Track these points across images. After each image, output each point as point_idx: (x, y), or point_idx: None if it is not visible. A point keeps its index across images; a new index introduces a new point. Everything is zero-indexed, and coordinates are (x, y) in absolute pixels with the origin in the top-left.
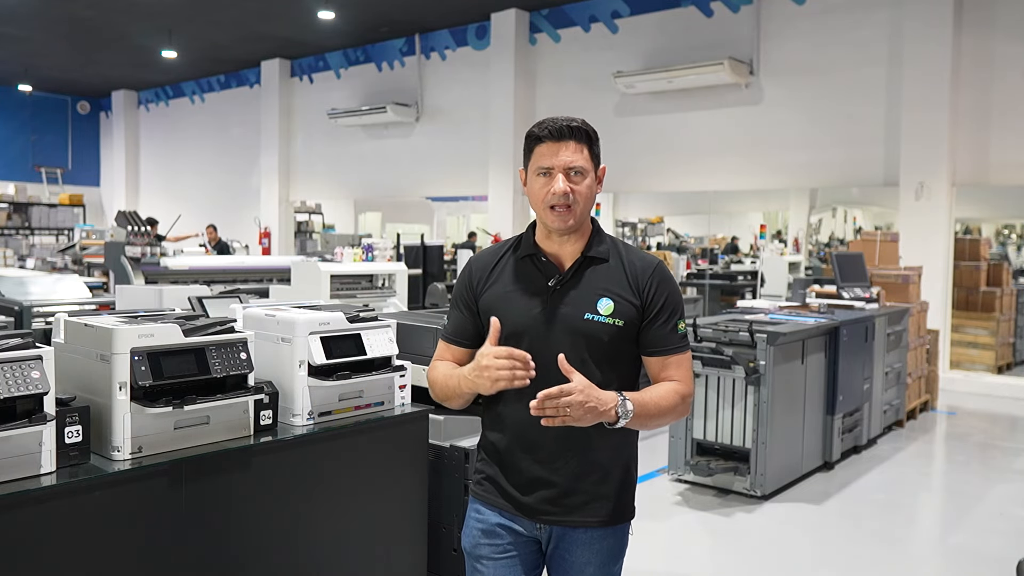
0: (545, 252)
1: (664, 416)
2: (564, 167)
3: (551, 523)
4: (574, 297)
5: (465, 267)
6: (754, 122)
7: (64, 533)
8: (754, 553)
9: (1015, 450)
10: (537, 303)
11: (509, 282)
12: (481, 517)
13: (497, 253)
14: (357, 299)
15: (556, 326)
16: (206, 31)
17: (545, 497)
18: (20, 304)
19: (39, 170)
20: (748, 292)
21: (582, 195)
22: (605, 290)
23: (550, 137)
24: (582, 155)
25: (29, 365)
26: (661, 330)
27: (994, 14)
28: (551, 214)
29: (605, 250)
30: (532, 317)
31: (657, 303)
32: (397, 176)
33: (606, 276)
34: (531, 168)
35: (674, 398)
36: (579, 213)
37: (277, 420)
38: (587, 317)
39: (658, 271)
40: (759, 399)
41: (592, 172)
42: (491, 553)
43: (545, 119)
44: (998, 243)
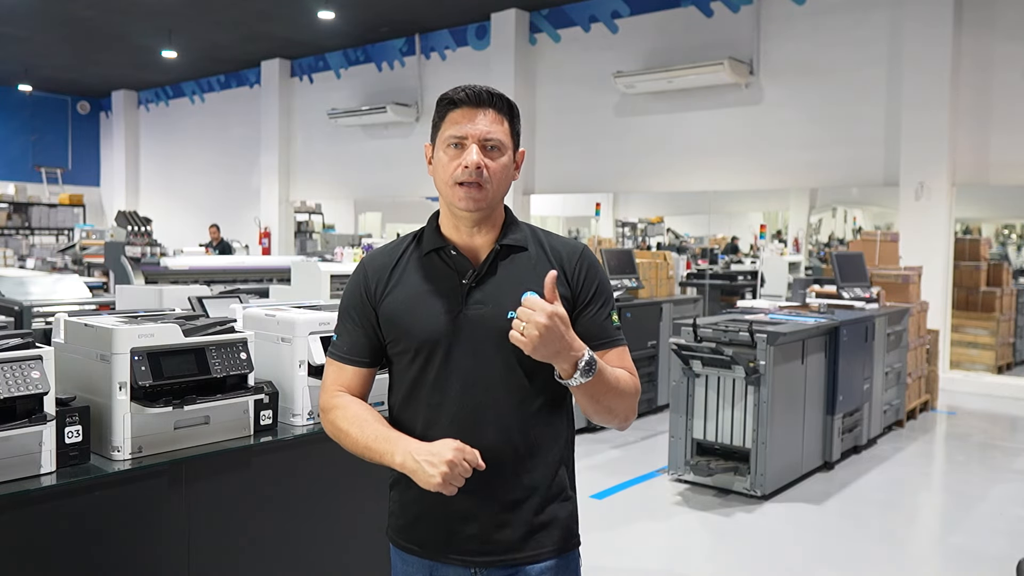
0: (455, 245)
1: (618, 397)
2: (480, 137)
3: (488, 565)
4: (494, 294)
5: (356, 270)
6: (754, 122)
7: (64, 533)
8: (754, 553)
9: (1015, 450)
10: (451, 305)
11: (414, 283)
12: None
13: (396, 251)
14: None
15: (476, 330)
16: (206, 31)
17: (476, 534)
18: (20, 304)
19: (39, 170)
20: (748, 292)
21: (496, 174)
22: (529, 282)
23: (467, 102)
24: (501, 127)
25: (29, 365)
26: (595, 320)
27: (994, 14)
28: (459, 191)
29: (523, 237)
30: (447, 322)
31: (589, 291)
32: (397, 176)
33: (528, 267)
34: (440, 139)
35: (631, 382)
36: (491, 195)
37: (277, 420)
38: (511, 316)
39: (585, 255)
40: (759, 399)
41: (511, 150)
42: None
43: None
44: (998, 243)
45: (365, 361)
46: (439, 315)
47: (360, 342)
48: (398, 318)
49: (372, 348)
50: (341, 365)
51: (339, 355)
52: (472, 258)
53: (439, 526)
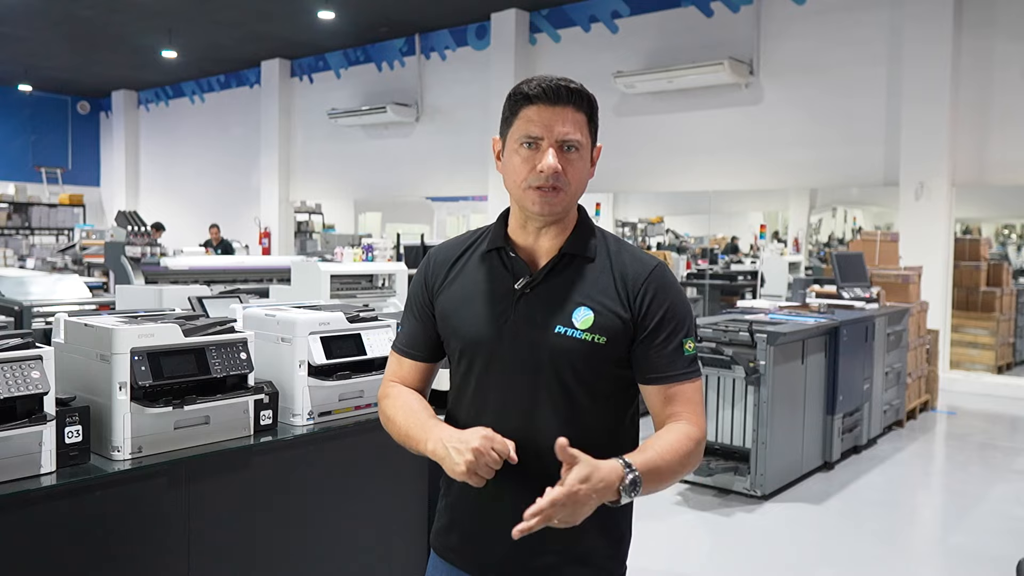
0: (516, 246)
1: (676, 475)
2: (558, 139)
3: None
4: (545, 305)
5: (423, 261)
6: (754, 122)
7: (64, 533)
8: (754, 553)
9: (1015, 450)
10: (500, 310)
11: (470, 282)
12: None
13: (462, 244)
14: (357, 299)
15: (518, 340)
16: (206, 31)
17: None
18: (20, 304)
19: (39, 170)
20: (748, 292)
21: (575, 177)
22: (585, 297)
23: (543, 98)
24: (580, 126)
25: (29, 365)
26: (660, 352)
27: (994, 14)
28: (534, 196)
29: (592, 246)
30: (493, 329)
31: (654, 316)
32: (397, 176)
33: (588, 279)
34: (512, 136)
35: (687, 446)
36: (568, 198)
37: (277, 420)
38: (559, 331)
39: (656, 274)
40: (759, 399)
41: (588, 150)
42: None
43: (535, 76)
44: (998, 243)
45: (421, 355)
46: (486, 320)
47: (418, 336)
48: (449, 315)
49: (429, 342)
50: (399, 358)
51: (398, 347)
52: (531, 262)
53: (474, 540)
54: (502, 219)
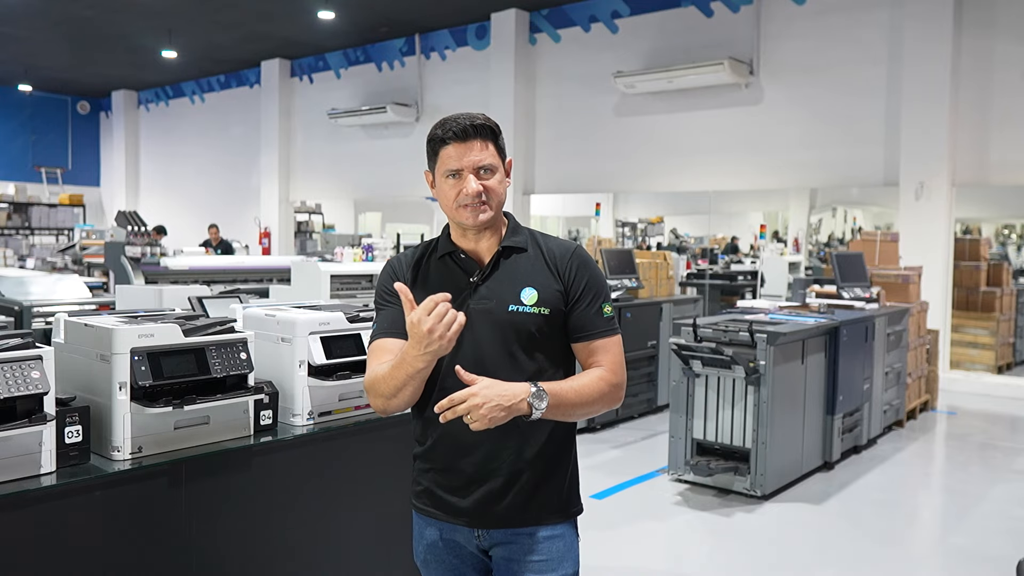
0: (463, 250)
1: (589, 405)
2: (473, 167)
3: (492, 526)
4: (497, 290)
5: (385, 268)
6: (754, 122)
7: (64, 533)
8: (754, 553)
9: (1015, 450)
10: (461, 300)
11: (431, 282)
12: (423, 531)
13: (417, 252)
14: (357, 299)
15: (482, 321)
16: (206, 31)
17: (484, 499)
18: (20, 304)
19: (39, 170)
20: (748, 292)
21: (494, 191)
22: (528, 280)
23: (455, 138)
24: (489, 152)
25: (29, 365)
26: (585, 314)
27: (994, 14)
28: (465, 212)
29: (523, 240)
30: None
31: (579, 286)
32: (397, 176)
33: (527, 266)
34: (439, 171)
35: (599, 385)
36: (494, 208)
37: (277, 420)
38: (511, 308)
39: (577, 254)
40: (759, 399)
41: (501, 167)
42: (436, 566)
43: (446, 119)
44: (998, 243)
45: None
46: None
47: (398, 319)
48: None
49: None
50: (380, 342)
51: (379, 332)
52: (478, 260)
53: (448, 493)
54: (445, 232)
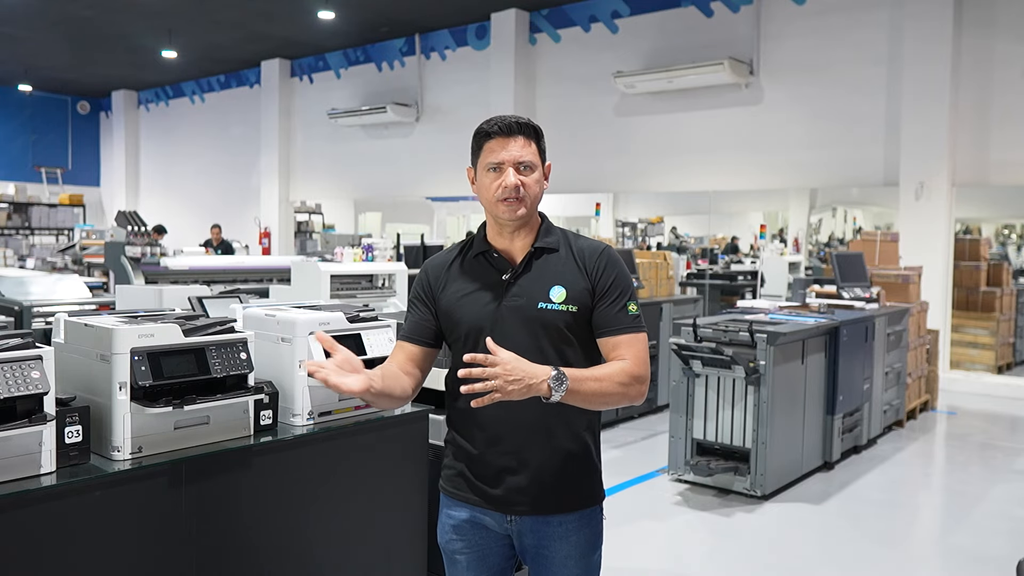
0: (496, 248)
1: (608, 394)
2: (514, 161)
3: (521, 513)
4: (528, 288)
5: (420, 271)
6: (754, 122)
7: (64, 533)
8: (754, 553)
9: (1015, 450)
10: (492, 297)
11: (465, 281)
12: (451, 513)
13: (450, 254)
14: (357, 299)
15: (513, 318)
16: (206, 31)
17: (513, 487)
18: (20, 304)
19: (39, 170)
20: (748, 292)
21: (531, 188)
22: (557, 278)
23: (499, 133)
24: (530, 149)
25: (29, 365)
26: (610, 311)
27: (994, 14)
28: (502, 206)
29: (555, 240)
30: (489, 312)
31: (605, 285)
32: (397, 176)
33: (557, 265)
34: (480, 164)
35: (620, 376)
36: (529, 205)
37: (277, 420)
38: (541, 306)
39: (605, 254)
40: (759, 399)
41: (540, 167)
42: (462, 548)
43: (492, 117)
44: (998, 243)
45: (425, 341)
46: (484, 306)
47: (422, 325)
48: (451, 310)
49: (432, 331)
50: (400, 344)
51: (402, 336)
52: (511, 259)
53: (479, 480)
54: (480, 231)
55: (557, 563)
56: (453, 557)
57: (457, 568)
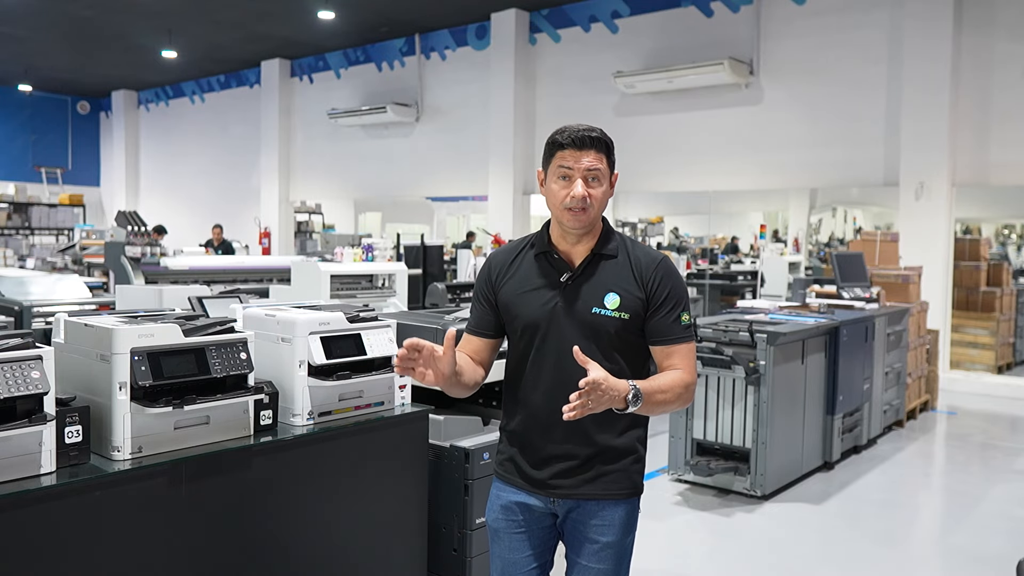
0: (558, 250)
1: (668, 403)
2: (584, 171)
3: (564, 496)
4: (584, 292)
5: (485, 263)
6: (754, 122)
7: (64, 533)
8: (754, 553)
9: (1015, 450)
10: (550, 297)
11: (525, 278)
12: (500, 494)
13: (515, 250)
14: (357, 299)
15: (567, 319)
16: (206, 31)
17: (558, 472)
18: (20, 304)
19: (39, 170)
20: (748, 292)
21: (597, 200)
22: (612, 285)
23: (572, 145)
24: (601, 163)
25: (29, 365)
26: (664, 321)
27: (994, 13)
28: (568, 215)
29: (614, 248)
30: (546, 311)
31: (660, 296)
32: (397, 176)
33: (614, 272)
34: (551, 170)
35: (678, 387)
36: (593, 215)
37: (277, 420)
38: (595, 311)
39: (662, 266)
40: (759, 399)
41: (608, 179)
42: (507, 528)
43: (567, 126)
44: (998, 243)
45: (488, 333)
46: (541, 304)
47: (485, 318)
48: (511, 303)
49: (494, 324)
50: (468, 336)
51: (469, 328)
52: (570, 261)
53: (529, 466)
54: (545, 230)
55: (590, 541)
56: (498, 535)
57: (501, 545)
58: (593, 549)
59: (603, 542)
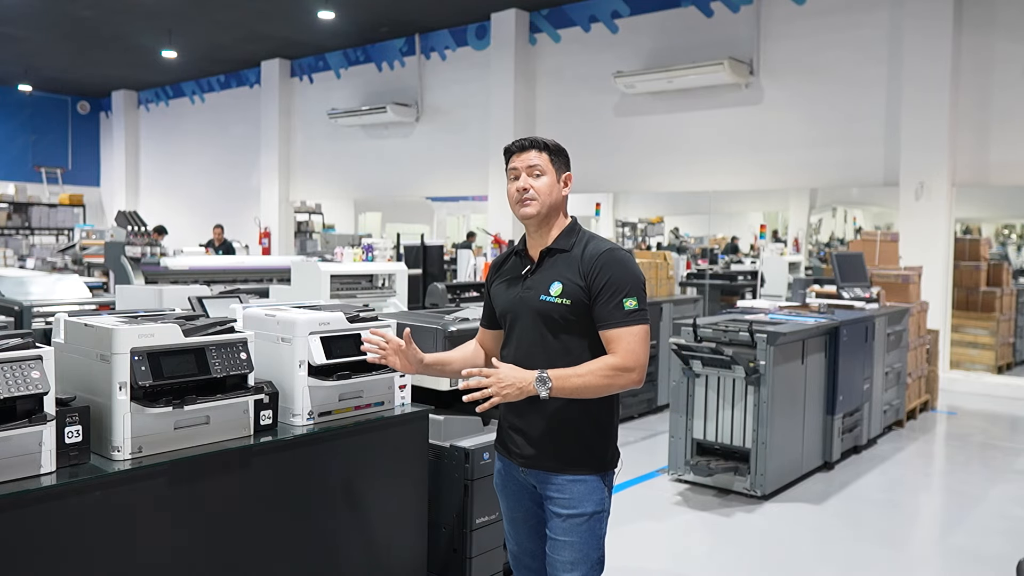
0: (526, 250)
1: (594, 386)
2: (525, 167)
3: (527, 467)
4: (536, 282)
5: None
6: (754, 122)
7: (64, 533)
8: (754, 553)
9: (1015, 450)
10: (515, 288)
11: (505, 274)
12: (496, 461)
13: (508, 253)
14: (357, 299)
15: (525, 307)
16: (206, 31)
17: (519, 444)
18: (20, 304)
19: (39, 170)
20: (748, 292)
21: (540, 190)
22: (558, 275)
23: (517, 149)
24: (540, 158)
25: (29, 365)
26: (605, 307)
27: (994, 13)
28: (518, 208)
29: (569, 243)
30: (512, 300)
31: (599, 284)
32: (397, 176)
33: (564, 264)
34: (508, 175)
35: (603, 370)
36: (540, 207)
37: (277, 420)
38: (542, 298)
39: (603, 256)
40: (759, 399)
41: (552, 173)
42: (502, 490)
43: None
44: (998, 243)
45: (492, 326)
46: (509, 295)
47: (488, 313)
48: (494, 296)
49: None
50: (481, 329)
51: (480, 323)
52: (532, 257)
53: (507, 438)
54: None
55: (554, 515)
56: (499, 497)
57: (504, 506)
58: (557, 521)
59: (564, 514)
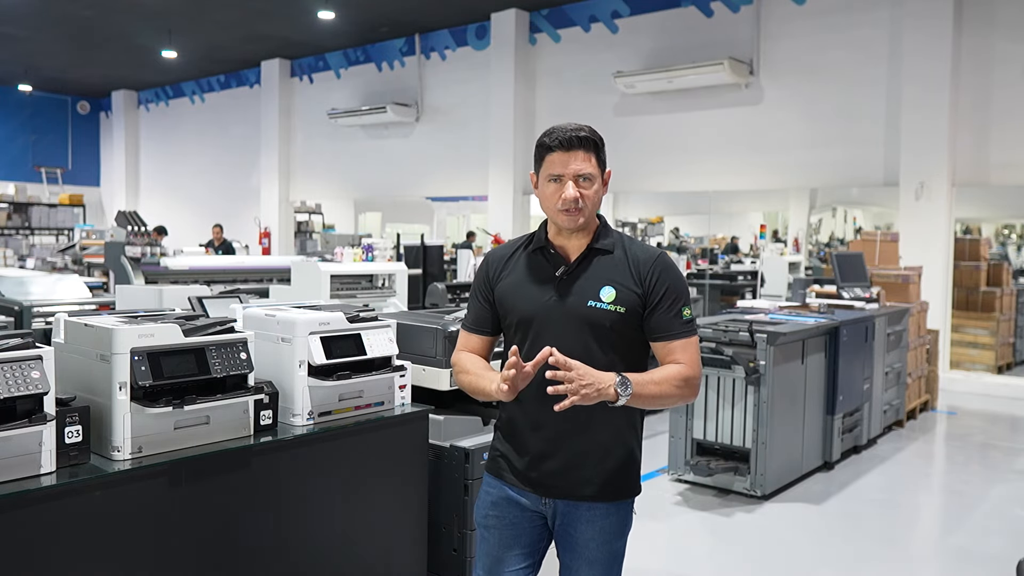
0: (555, 245)
1: (666, 396)
2: (574, 175)
3: (555, 496)
4: (579, 286)
5: (483, 261)
6: (754, 122)
7: (64, 533)
8: (754, 553)
9: (1015, 450)
10: (545, 292)
11: (521, 273)
12: (491, 490)
13: (512, 247)
14: (357, 299)
15: (562, 313)
16: (206, 31)
17: (550, 472)
18: (20, 304)
19: (39, 170)
20: (748, 292)
21: (590, 199)
22: (608, 279)
23: (560, 147)
24: (590, 163)
25: (29, 365)
26: (664, 316)
27: (994, 13)
28: (563, 216)
29: (610, 243)
30: (541, 305)
31: (659, 291)
32: (397, 176)
33: (610, 267)
34: (542, 174)
35: (676, 379)
36: (588, 214)
37: (277, 420)
38: (590, 304)
39: (659, 261)
40: (759, 399)
41: (599, 177)
42: (496, 524)
43: (554, 128)
44: (998, 243)
45: (486, 331)
46: (536, 299)
47: (483, 316)
48: (507, 298)
49: (491, 321)
50: (468, 333)
51: (466, 326)
52: (566, 256)
53: (520, 462)
54: (543, 228)
55: (580, 544)
56: (485, 532)
57: (489, 543)
58: (584, 552)
59: (594, 545)
